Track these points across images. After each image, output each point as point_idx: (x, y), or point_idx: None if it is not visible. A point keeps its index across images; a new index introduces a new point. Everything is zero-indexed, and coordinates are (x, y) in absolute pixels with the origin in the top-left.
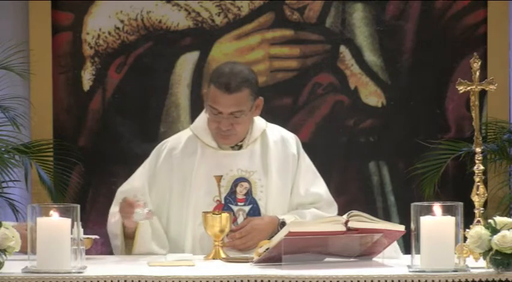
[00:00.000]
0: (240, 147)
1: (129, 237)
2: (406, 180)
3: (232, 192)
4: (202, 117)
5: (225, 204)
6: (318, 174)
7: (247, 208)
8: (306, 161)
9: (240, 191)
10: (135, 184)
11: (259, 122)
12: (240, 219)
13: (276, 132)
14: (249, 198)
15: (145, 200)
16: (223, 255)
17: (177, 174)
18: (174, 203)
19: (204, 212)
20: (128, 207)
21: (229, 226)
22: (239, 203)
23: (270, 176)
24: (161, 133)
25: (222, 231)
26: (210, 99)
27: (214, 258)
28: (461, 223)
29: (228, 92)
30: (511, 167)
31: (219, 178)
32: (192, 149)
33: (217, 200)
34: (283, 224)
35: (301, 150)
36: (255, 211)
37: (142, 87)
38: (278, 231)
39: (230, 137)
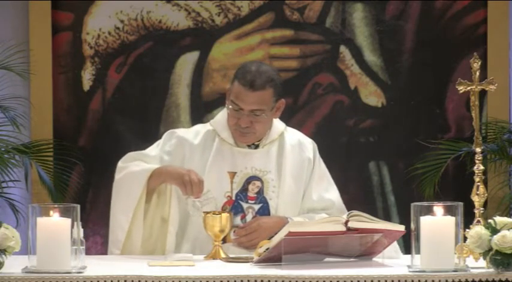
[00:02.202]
0: (256, 147)
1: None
2: (406, 180)
3: (243, 190)
4: (223, 113)
5: (236, 201)
6: (332, 181)
7: (257, 206)
8: (322, 167)
9: (252, 189)
10: (151, 153)
11: (278, 124)
12: (249, 217)
13: (294, 136)
14: (260, 197)
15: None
16: (223, 255)
17: (187, 165)
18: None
19: (204, 212)
20: (193, 184)
21: (229, 226)
22: (250, 201)
23: (283, 178)
24: (161, 133)
25: (222, 231)
26: (232, 95)
27: (214, 258)
28: (461, 223)
29: (252, 90)
30: (511, 167)
31: (232, 174)
32: (209, 144)
33: (228, 196)
34: None
35: (318, 156)
36: (264, 210)
37: (142, 87)
38: None
39: (248, 135)
